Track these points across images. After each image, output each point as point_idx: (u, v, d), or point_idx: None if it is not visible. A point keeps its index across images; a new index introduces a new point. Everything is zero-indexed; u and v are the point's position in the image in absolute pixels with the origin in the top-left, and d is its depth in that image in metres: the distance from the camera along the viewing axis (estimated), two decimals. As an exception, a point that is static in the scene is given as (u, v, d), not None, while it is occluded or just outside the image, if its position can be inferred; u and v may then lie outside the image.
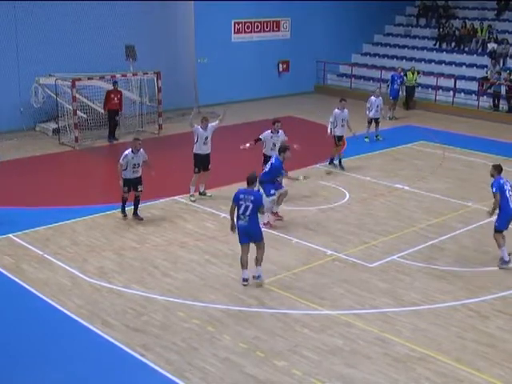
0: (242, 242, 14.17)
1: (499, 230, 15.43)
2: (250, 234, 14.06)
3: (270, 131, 19.39)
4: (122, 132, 27.10)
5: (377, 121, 26.34)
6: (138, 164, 17.72)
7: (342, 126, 22.30)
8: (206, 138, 19.38)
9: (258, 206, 13.94)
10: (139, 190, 17.93)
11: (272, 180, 17.48)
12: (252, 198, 13.89)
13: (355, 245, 16.57)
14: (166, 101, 27.94)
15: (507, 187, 15.22)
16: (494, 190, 15.17)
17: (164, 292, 13.98)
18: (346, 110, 22.38)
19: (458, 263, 15.64)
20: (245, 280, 14.26)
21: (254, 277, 14.25)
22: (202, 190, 19.90)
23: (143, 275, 14.79)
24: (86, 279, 14.55)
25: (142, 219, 17.98)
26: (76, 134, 25.47)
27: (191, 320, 12.88)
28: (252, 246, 14.25)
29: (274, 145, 18.96)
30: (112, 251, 16.04)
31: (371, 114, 26.05)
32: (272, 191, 17.43)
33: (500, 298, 13.97)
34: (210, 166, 19.70)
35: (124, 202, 18.02)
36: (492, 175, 15.49)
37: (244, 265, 14.22)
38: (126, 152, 17.59)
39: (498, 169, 15.48)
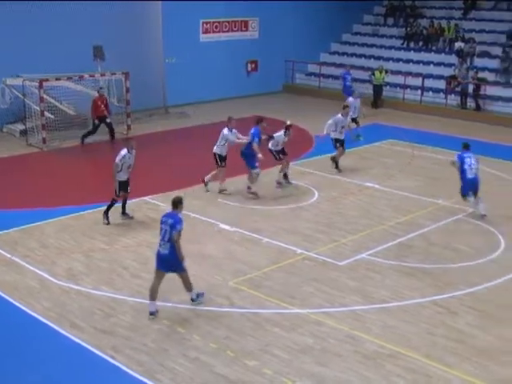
0: (157, 268, 12.97)
1: (463, 195, 18.43)
2: (169, 262, 12.81)
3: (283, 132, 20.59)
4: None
5: (355, 120, 26.37)
6: (131, 165, 17.59)
7: (341, 132, 22.37)
8: (226, 140, 19.80)
9: (173, 231, 12.68)
10: (129, 190, 17.86)
11: (253, 153, 19.32)
12: (171, 221, 12.75)
13: (325, 243, 16.60)
14: (134, 101, 27.82)
15: (469, 160, 18.10)
16: (455, 158, 18.41)
17: (133, 293, 13.90)
18: (349, 117, 22.97)
19: (427, 260, 15.75)
20: (151, 314, 12.91)
21: (192, 299, 13.29)
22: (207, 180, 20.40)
23: (112, 276, 14.70)
24: (55, 281, 14.43)
25: (132, 217, 18.03)
26: (44, 135, 25.28)
27: (161, 321, 12.83)
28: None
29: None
30: (81, 253, 15.93)
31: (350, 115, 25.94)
32: (256, 164, 19.46)
33: (468, 294, 14.08)
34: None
35: (111, 206, 17.76)
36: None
37: (152, 295, 12.92)
38: (123, 152, 17.34)
39: (464, 146, 18.61)
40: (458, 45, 35.32)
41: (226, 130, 19.86)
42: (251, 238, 16.88)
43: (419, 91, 33.96)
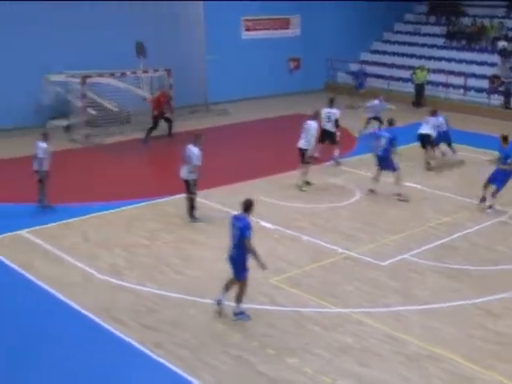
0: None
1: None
2: (233, 266, 12.64)
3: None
4: (131, 129, 27.14)
5: (380, 120, 26.31)
6: None
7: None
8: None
9: (241, 236, 12.39)
10: None
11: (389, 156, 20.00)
12: (240, 225, 12.45)
13: (366, 243, 16.58)
14: (176, 98, 27.96)
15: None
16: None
17: (176, 289, 14.01)
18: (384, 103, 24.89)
19: (469, 262, 15.64)
20: (217, 301, 12.96)
21: (234, 313, 12.85)
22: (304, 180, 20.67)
23: (154, 272, 14.84)
24: (98, 276, 14.62)
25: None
26: (86, 131, 25.55)
27: (203, 317, 12.93)
28: None
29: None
30: (123, 248, 16.10)
31: (371, 115, 26.52)
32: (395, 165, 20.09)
33: (510, 297, 13.95)
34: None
35: (193, 204, 17.90)
36: None
37: (224, 288, 12.95)
38: (197, 151, 17.32)
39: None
40: (501, 44, 34.98)
41: (315, 124, 20.29)
42: (292, 236, 16.92)
43: (461, 90, 33.71)
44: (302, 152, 20.20)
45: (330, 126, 22.63)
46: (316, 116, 20.81)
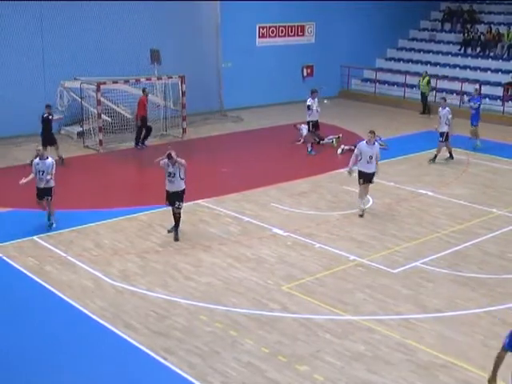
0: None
1: None
2: None
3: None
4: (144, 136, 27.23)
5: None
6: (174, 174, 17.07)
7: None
8: (371, 157, 18.40)
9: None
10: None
11: None
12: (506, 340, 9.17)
13: (378, 250, 16.50)
14: (189, 105, 28.01)
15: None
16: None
17: (187, 296, 14.00)
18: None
19: (482, 270, 15.53)
20: None
21: None
22: (363, 207, 18.94)
23: (166, 278, 14.83)
24: (109, 282, 14.62)
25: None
26: (100, 138, 25.64)
27: (214, 324, 12.89)
28: None
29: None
30: (135, 254, 16.10)
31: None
32: None
33: (525, 306, 13.87)
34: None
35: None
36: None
37: None
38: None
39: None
40: (517, 51, 34.87)
41: (378, 145, 19.13)
42: (304, 243, 16.87)
43: (476, 98, 33.51)
44: (370, 175, 18.73)
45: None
46: (375, 134, 18.62)
